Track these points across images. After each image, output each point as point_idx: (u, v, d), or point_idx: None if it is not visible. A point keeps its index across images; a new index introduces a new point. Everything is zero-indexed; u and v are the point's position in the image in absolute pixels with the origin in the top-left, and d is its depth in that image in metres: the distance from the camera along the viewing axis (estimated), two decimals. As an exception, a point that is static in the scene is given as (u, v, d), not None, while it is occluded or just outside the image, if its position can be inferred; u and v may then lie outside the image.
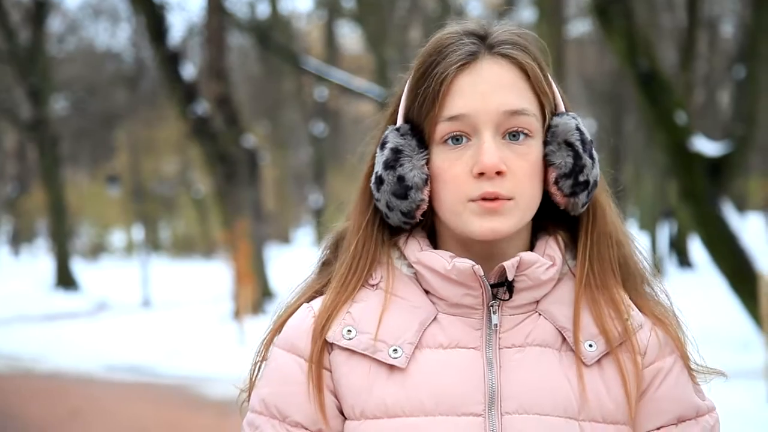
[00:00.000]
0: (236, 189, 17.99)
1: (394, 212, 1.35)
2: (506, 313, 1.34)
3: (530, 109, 1.33)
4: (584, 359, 1.32)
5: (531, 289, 1.34)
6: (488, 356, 1.32)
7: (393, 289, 1.36)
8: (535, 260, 1.33)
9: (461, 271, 1.32)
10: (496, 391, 1.31)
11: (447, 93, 1.32)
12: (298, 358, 1.35)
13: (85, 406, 9.81)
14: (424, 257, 1.35)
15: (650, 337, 1.37)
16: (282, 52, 22.81)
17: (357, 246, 1.38)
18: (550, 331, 1.34)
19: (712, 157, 10.64)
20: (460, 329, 1.33)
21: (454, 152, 1.32)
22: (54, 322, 19.22)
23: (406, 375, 1.31)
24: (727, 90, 28.72)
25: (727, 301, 11.36)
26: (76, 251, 37.44)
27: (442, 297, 1.34)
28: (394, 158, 1.34)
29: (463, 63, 1.33)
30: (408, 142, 1.34)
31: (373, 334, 1.33)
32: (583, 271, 1.36)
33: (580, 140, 1.35)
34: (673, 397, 1.36)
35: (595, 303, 1.35)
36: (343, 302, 1.36)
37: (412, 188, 1.33)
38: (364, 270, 1.37)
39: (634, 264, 1.42)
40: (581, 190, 1.35)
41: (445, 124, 1.32)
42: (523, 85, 1.34)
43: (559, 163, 1.34)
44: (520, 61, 1.34)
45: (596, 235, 1.38)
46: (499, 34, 1.36)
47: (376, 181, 1.36)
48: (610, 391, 1.33)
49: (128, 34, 34.25)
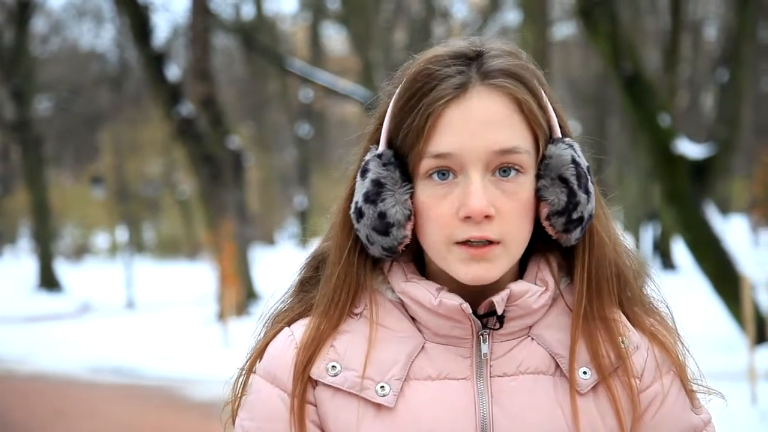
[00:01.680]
0: (221, 190, 17.97)
1: (375, 246, 1.28)
2: (497, 339, 1.29)
3: (522, 146, 1.25)
4: (578, 388, 1.27)
5: (523, 317, 1.29)
6: (479, 387, 1.27)
7: (378, 318, 1.30)
8: (527, 290, 1.28)
9: (449, 308, 1.26)
10: (488, 423, 1.25)
11: (433, 128, 1.24)
12: (282, 393, 1.30)
13: (68, 407, 9.78)
14: (409, 289, 1.29)
15: (647, 359, 1.32)
16: (267, 54, 22.79)
17: (339, 277, 1.31)
18: (543, 357, 1.29)
19: (695, 160, 10.69)
20: (449, 359, 1.28)
21: (440, 189, 1.25)
22: (37, 323, 19.14)
23: (394, 413, 1.26)
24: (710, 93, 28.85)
25: (710, 303, 11.41)
26: (59, 252, 37.32)
27: (429, 328, 1.29)
28: (375, 192, 1.27)
29: (451, 97, 1.24)
30: (390, 174, 1.27)
31: (359, 371, 1.27)
32: (580, 305, 1.30)
33: (575, 174, 1.27)
34: (671, 420, 1.33)
35: (589, 332, 1.30)
36: (327, 335, 1.30)
37: (394, 226, 1.26)
38: (347, 302, 1.31)
39: (634, 288, 1.36)
40: (574, 227, 1.28)
41: (430, 161, 1.25)
42: (516, 119, 1.26)
43: (552, 200, 1.26)
44: (514, 95, 1.26)
45: (594, 266, 1.31)
46: (492, 60, 1.27)
47: (356, 212, 1.28)
48: (604, 419, 1.28)
49: (112, 34, 34.14)
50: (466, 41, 1.31)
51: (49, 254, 28.00)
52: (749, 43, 12.07)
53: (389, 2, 28.45)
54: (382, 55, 22.87)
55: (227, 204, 17.96)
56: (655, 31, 23.46)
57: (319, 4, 31.00)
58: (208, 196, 18.31)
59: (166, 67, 18.11)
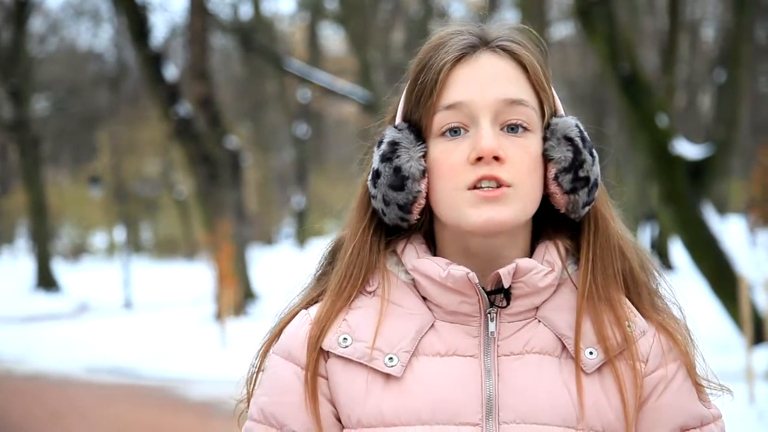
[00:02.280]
0: (219, 190, 17.96)
1: (390, 207, 1.32)
2: (504, 320, 1.31)
3: (529, 101, 1.31)
4: (584, 367, 1.29)
5: (529, 296, 1.31)
6: (486, 364, 1.29)
7: (390, 296, 1.33)
8: (533, 267, 1.30)
9: (456, 279, 1.29)
10: (493, 399, 1.28)
11: (444, 83, 1.30)
12: (295, 367, 1.33)
13: (66, 407, 9.77)
14: (420, 264, 1.32)
15: (653, 344, 1.34)
16: (265, 54, 22.79)
17: (352, 253, 1.35)
18: (550, 338, 1.31)
19: (693, 160, 10.69)
20: (458, 337, 1.31)
21: (452, 143, 1.29)
22: (35, 323, 19.13)
23: (402, 383, 1.29)
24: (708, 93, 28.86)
25: (708, 303, 11.41)
26: (57, 252, 37.27)
27: (439, 304, 1.32)
28: (391, 150, 1.32)
29: (461, 55, 1.31)
30: (405, 135, 1.32)
31: (369, 342, 1.30)
32: (585, 283, 1.33)
33: (579, 137, 1.33)
34: (676, 406, 1.33)
35: (595, 312, 1.32)
36: (339, 309, 1.33)
37: (409, 178, 1.30)
38: (359, 277, 1.34)
39: (641, 276, 1.38)
40: (581, 186, 1.32)
41: (442, 114, 1.30)
42: (522, 78, 1.32)
43: (558, 158, 1.31)
44: (519, 56, 1.33)
45: (599, 246, 1.35)
46: (498, 31, 1.36)
47: (373, 176, 1.33)
48: (610, 400, 1.30)
49: (110, 34, 34.12)
50: (475, 24, 1.39)
51: (47, 254, 27.99)
52: (747, 44, 12.06)
53: (387, 2, 28.46)
54: (380, 55, 22.89)
55: (225, 204, 17.96)
56: (653, 31, 23.47)
57: (317, 4, 30.98)
58: (205, 196, 18.31)
59: (164, 67, 18.10)
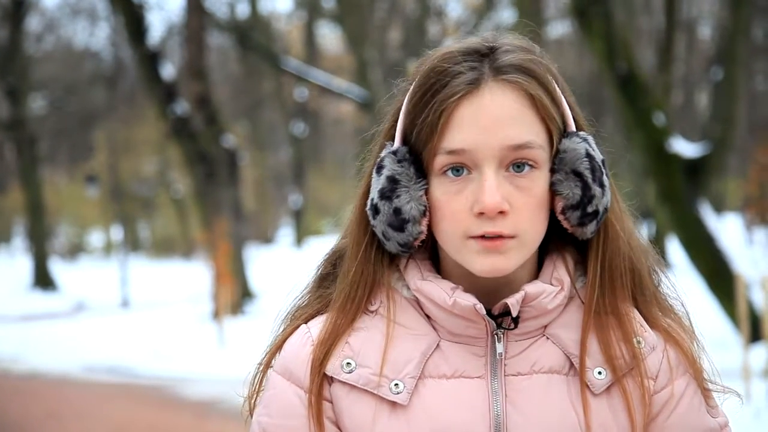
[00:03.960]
0: (216, 189, 17.95)
1: (390, 242, 1.29)
2: (512, 339, 1.29)
3: (536, 141, 1.25)
4: (593, 388, 1.27)
5: (537, 317, 1.29)
6: (493, 385, 1.27)
7: (391, 314, 1.31)
8: (541, 291, 1.28)
9: (463, 308, 1.26)
10: (501, 422, 1.26)
11: (447, 124, 1.25)
12: (298, 389, 1.31)
13: (63, 406, 9.77)
14: (424, 287, 1.29)
15: (662, 360, 1.32)
16: (262, 52, 22.78)
17: (356, 273, 1.32)
18: (558, 356, 1.29)
19: (690, 159, 10.70)
20: (464, 357, 1.28)
21: (455, 185, 1.25)
22: (32, 322, 19.12)
23: (408, 411, 1.26)
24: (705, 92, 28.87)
25: (705, 302, 11.42)
26: (54, 251, 37.25)
27: (444, 326, 1.29)
28: (390, 188, 1.27)
29: (464, 93, 1.25)
30: (405, 170, 1.27)
31: (374, 368, 1.28)
32: (592, 299, 1.30)
33: (589, 168, 1.28)
34: (686, 423, 1.31)
35: (602, 329, 1.29)
36: (342, 331, 1.30)
37: (409, 221, 1.26)
38: (363, 297, 1.31)
39: (649, 283, 1.35)
40: (589, 221, 1.28)
41: (444, 157, 1.25)
42: (529, 114, 1.26)
43: (566, 194, 1.27)
44: (527, 90, 1.26)
45: (608, 259, 1.31)
46: (504, 56, 1.28)
47: (372, 208, 1.29)
48: (617, 419, 1.28)
49: (107, 33, 34.11)
50: (479, 37, 1.31)
51: (44, 253, 27.97)
52: (743, 42, 12.08)
53: (384, 1, 28.45)
54: (377, 53, 22.87)
55: (222, 203, 17.95)
56: (650, 30, 23.47)
57: (314, 2, 30.98)
58: (202, 194, 18.31)
59: (161, 65, 18.09)
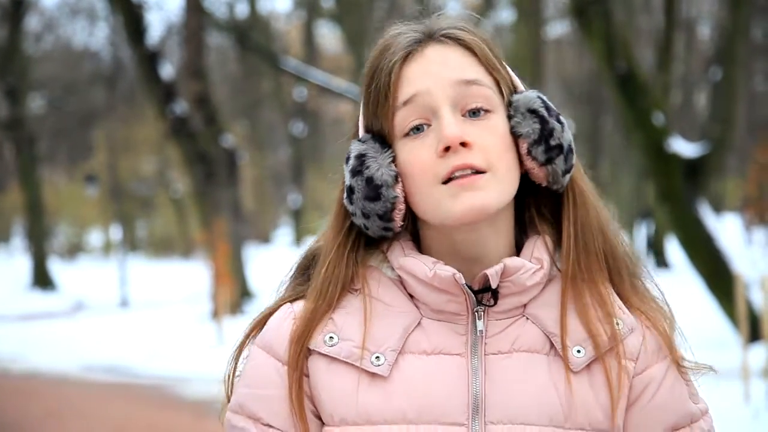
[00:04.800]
0: (215, 189, 17.95)
1: (371, 219, 1.29)
2: (492, 318, 1.30)
3: (484, 81, 1.29)
4: (572, 366, 1.28)
5: (517, 294, 1.30)
6: (473, 363, 1.28)
7: (375, 293, 1.32)
8: (521, 266, 1.28)
9: (443, 279, 1.27)
10: (480, 399, 1.27)
11: (397, 82, 1.29)
12: (276, 362, 1.32)
13: (62, 406, 9.77)
14: (406, 263, 1.30)
15: (642, 342, 1.32)
16: (261, 52, 22.78)
17: (328, 269, 1.33)
18: (538, 336, 1.29)
19: (689, 158, 10.70)
20: (445, 335, 1.29)
21: (418, 140, 1.27)
22: (31, 322, 19.12)
23: (388, 383, 1.27)
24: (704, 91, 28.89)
25: (704, 301, 11.42)
26: (53, 251, 37.24)
27: (426, 303, 1.30)
28: (359, 163, 1.29)
29: (408, 52, 1.30)
30: (371, 145, 1.30)
31: (357, 341, 1.29)
32: (568, 263, 1.31)
33: (544, 107, 1.31)
34: (668, 406, 1.32)
35: (581, 302, 1.30)
36: (325, 311, 1.32)
37: (383, 186, 1.28)
38: (336, 290, 1.32)
39: (621, 256, 1.35)
40: (556, 155, 1.29)
41: (401, 113, 1.28)
42: (472, 61, 1.30)
43: (526, 132, 1.29)
44: (467, 41, 1.31)
45: (580, 224, 1.32)
46: (442, 22, 1.34)
47: (348, 192, 1.31)
48: (598, 397, 1.28)
49: (106, 33, 34.08)
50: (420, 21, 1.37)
51: (43, 253, 27.96)
52: (743, 42, 12.08)
53: (383, 0, 28.44)
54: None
55: (221, 202, 17.94)
56: (649, 29, 23.47)
57: (313, 2, 30.98)
58: (202, 194, 18.31)
59: (160, 65, 18.09)
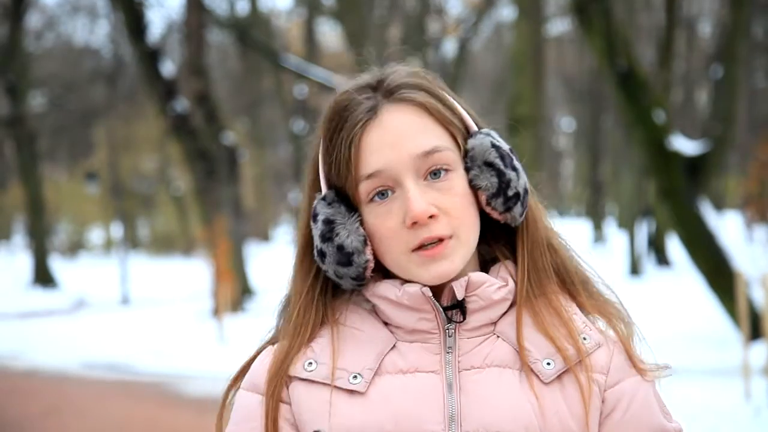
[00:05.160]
0: (216, 186, 17.96)
1: (344, 279, 1.36)
2: (464, 336, 1.35)
3: (442, 145, 1.33)
4: (542, 377, 1.32)
5: (484, 309, 1.35)
6: (448, 378, 1.32)
7: (350, 322, 1.38)
8: (485, 280, 1.34)
9: (411, 295, 1.32)
10: (455, 412, 1.30)
11: (358, 154, 1.33)
12: (260, 396, 1.36)
13: (62, 403, 9.77)
14: (377, 289, 1.36)
15: (612, 356, 1.36)
16: (262, 50, 22.77)
17: (298, 314, 1.39)
18: (508, 351, 1.34)
19: (690, 156, 10.70)
20: (419, 354, 1.34)
21: (383, 207, 1.33)
22: (32, 319, 19.13)
23: (365, 398, 1.31)
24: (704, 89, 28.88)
25: (705, 299, 11.43)
26: (54, 248, 37.28)
27: (399, 325, 1.35)
28: (328, 229, 1.35)
29: (365, 120, 1.33)
30: (337, 209, 1.35)
31: (330, 363, 1.34)
32: (523, 281, 1.37)
33: (498, 156, 1.35)
34: (642, 422, 1.34)
35: (539, 318, 1.35)
36: (300, 344, 1.37)
37: (354, 253, 1.33)
38: (307, 333, 1.37)
39: (572, 267, 1.41)
40: (514, 204, 1.35)
41: (365, 184, 1.33)
42: (428, 122, 1.34)
43: (485, 186, 1.34)
44: (419, 101, 1.35)
45: (530, 243, 1.39)
46: (392, 79, 1.37)
47: (319, 254, 1.36)
48: (571, 409, 1.31)
49: (107, 30, 34.10)
50: (369, 73, 1.40)
51: (44, 250, 27.98)
52: (743, 40, 12.07)
53: (384, -2, 28.40)
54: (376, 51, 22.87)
55: (222, 200, 17.95)
56: (650, 27, 23.47)
57: (314, 0, 30.96)
58: (202, 192, 18.31)
59: (161, 63, 18.08)
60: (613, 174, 30.21)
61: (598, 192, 33.76)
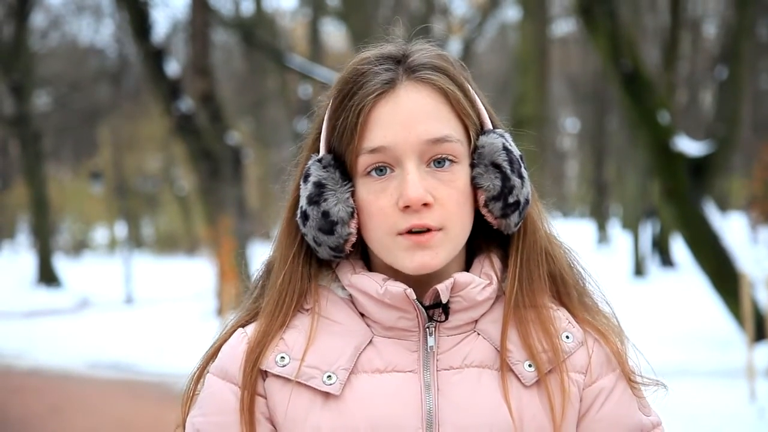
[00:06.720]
0: (220, 186, 17.96)
1: (322, 247, 1.31)
2: (443, 334, 1.31)
3: (453, 135, 1.29)
4: (523, 380, 1.30)
5: (467, 309, 1.31)
6: (425, 379, 1.29)
7: (326, 312, 1.32)
8: (470, 281, 1.30)
9: (394, 295, 1.29)
10: (433, 414, 1.27)
11: (365, 124, 1.28)
12: (232, 386, 1.32)
13: (66, 402, 9.78)
14: (356, 281, 1.32)
15: (592, 355, 1.34)
16: (266, 50, 22.77)
17: (284, 280, 1.34)
18: (489, 351, 1.31)
19: (694, 157, 10.69)
20: (397, 352, 1.30)
21: (379, 184, 1.28)
22: (36, 318, 19.14)
23: (341, 401, 1.28)
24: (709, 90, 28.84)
25: (709, 301, 11.42)
26: (58, 247, 37.31)
27: (377, 320, 1.31)
28: (317, 193, 1.30)
29: (380, 92, 1.29)
30: (331, 174, 1.31)
31: (307, 360, 1.29)
32: (512, 292, 1.32)
33: (507, 160, 1.31)
34: (617, 418, 1.33)
35: (524, 324, 1.32)
36: (277, 330, 1.32)
37: (338, 223, 1.29)
38: (292, 303, 1.33)
39: (570, 277, 1.38)
40: (512, 212, 1.31)
41: (366, 157, 1.28)
42: (444, 110, 1.30)
43: (487, 186, 1.30)
44: (441, 86, 1.30)
45: (526, 252, 1.34)
46: (418, 57, 1.32)
47: (302, 216, 1.32)
48: (549, 413, 1.30)
49: (112, 30, 34.10)
50: (394, 45, 1.35)
51: (48, 249, 27.98)
52: (748, 41, 12.05)
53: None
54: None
55: (226, 200, 17.95)
56: (654, 28, 23.44)
57: (319, 0, 30.96)
58: (207, 191, 18.31)
59: (166, 62, 18.09)
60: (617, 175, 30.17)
61: (602, 193, 33.73)
